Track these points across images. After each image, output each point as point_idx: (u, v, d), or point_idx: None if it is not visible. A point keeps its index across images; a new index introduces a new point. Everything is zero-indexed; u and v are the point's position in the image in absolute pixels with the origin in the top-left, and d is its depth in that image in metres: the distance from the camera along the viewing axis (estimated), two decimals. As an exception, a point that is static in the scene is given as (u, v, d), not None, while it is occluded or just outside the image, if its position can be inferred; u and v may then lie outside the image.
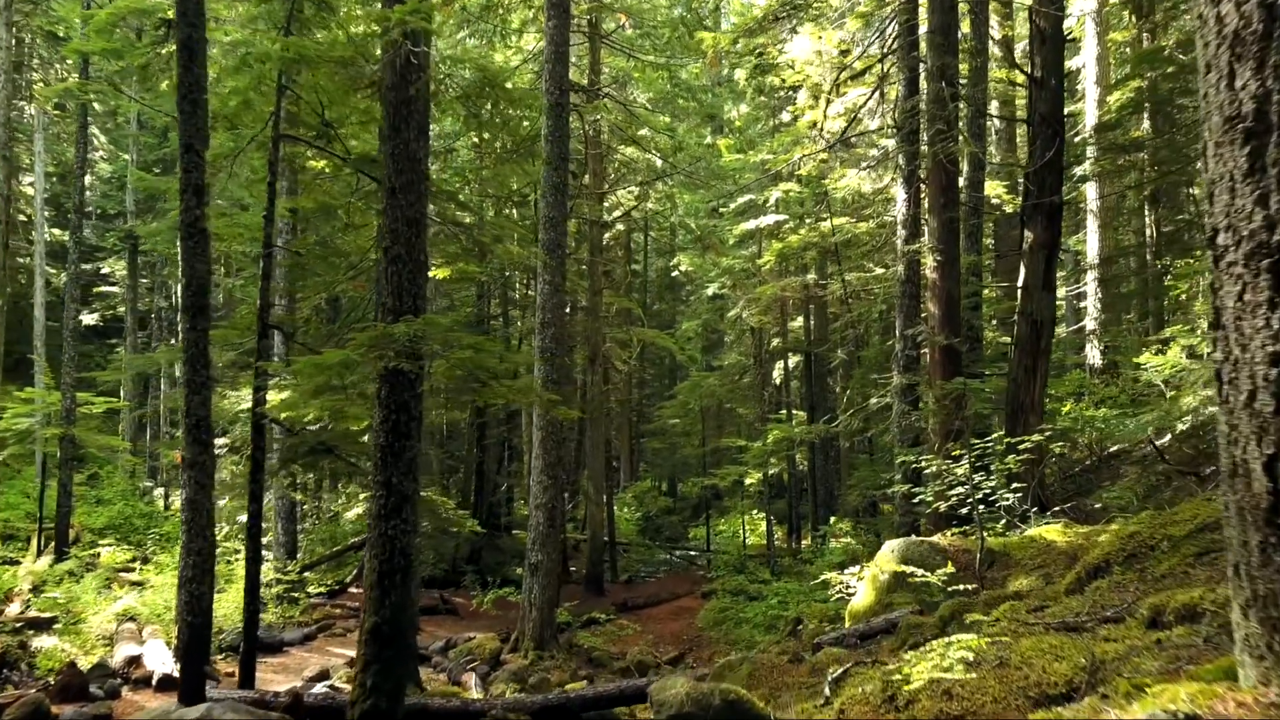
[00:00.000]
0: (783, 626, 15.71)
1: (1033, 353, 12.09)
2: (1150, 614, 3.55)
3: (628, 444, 38.69)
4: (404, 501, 6.77)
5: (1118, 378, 24.20)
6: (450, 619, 17.08)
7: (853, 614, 8.76)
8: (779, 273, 24.21)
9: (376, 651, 6.54)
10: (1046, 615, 4.62)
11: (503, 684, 12.49)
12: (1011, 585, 7.42)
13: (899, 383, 12.83)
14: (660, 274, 42.80)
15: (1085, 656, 3.16)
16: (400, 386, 6.76)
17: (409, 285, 6.88)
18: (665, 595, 20.67)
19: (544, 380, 14.17)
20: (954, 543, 8.46)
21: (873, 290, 21.50)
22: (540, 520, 14.11)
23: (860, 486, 18.06)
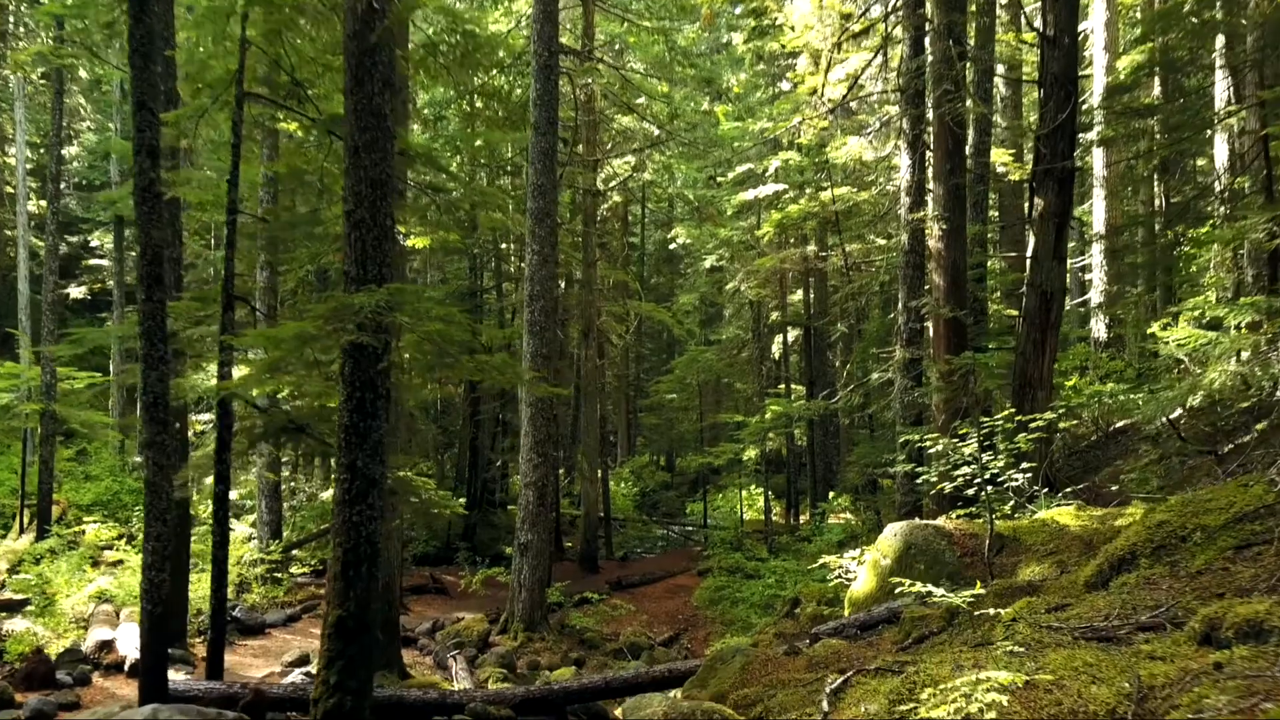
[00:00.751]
0: (780, 607, 15.31)
1: (1042, 326, 11.57)
2: (1204, 627, 3.07)
3: (625, 419, 38.27)
4: (370, 486, 6.28)
5: (1123, 351, 23.73)
6: (440, 599, 16.69)
7: (852, 600, 8.31)
8: (778, 244, 23.64)
9: (341, 647, 6.07)
10: (1070, 617, 4.14)
11: (490, 667, 12.09)
12: (1023, 573, 6.95)
13: (901, 357, 12.33)
14: (658, 247, 42.19)
15: (1130, 680, 2.69)
16: (365, 362, 6.25)
17: (373, 252, 6.35)
18: (661, 573, 20.29)
19: (533, 355, 13.67)
20: (960, 526, 7.99)
21: (874, 262, 20.95)
22: (530, 499, 13.66)
23: (860, 464, 17.60)
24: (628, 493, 32.81)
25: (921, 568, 7.71)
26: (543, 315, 13.68)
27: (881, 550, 8.17)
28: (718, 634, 15.40)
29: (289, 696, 7.65)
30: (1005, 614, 4.72)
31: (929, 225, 12.12)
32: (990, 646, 4.10)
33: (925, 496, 11.46)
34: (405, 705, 7.63)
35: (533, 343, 13.67)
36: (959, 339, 11.80)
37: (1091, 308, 22.47)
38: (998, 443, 7.98)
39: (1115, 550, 5.16)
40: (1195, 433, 10.76)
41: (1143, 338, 23.20)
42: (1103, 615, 3.97)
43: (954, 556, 7.64)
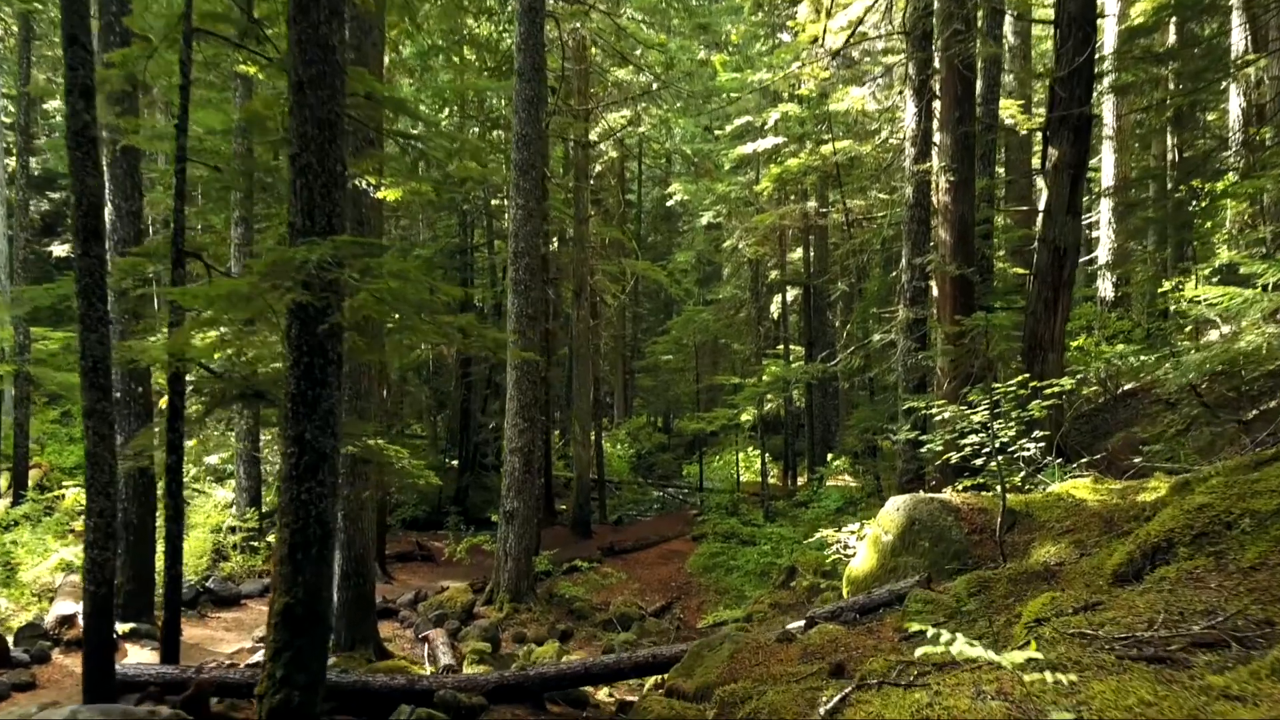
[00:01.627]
0: (775, 576, 14.84)
1: (1054, 284, 10.93)
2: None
3: (621, 380, 37.69)
4: (320, 460, 5.68)
5: (1130, 311, 23.06)
6: (426, 566, 16.22)
7: (851, 580, 7.77)
8: (777, 200, 22.87)
9: (288, 637, 5.52)
10: (1104, 621, 3.55)
11: (473, 641, 11.62)
12: (1037, 553, 6.39)
13: (905, 317, 11.69)
14: (656, 204, 41.30)
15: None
16: (313, 324, 5.62)
17: (321, 201, 5.68)
18: (655, 538, 19.82)
19: (518, 315, 13.03)
20: (967, 500, 7.42)
21: (876, 218, 20.21)
22: (516, 465, 13.11)
23: (859, 428, 17.04)
24: (624, 455, 32.33)
25: (926, 545, 7.16)
26: (528, 273, 13.02)
27: (883, 525, 7.61)
28: (711, 603, 14.95)
29: (247, 682, 7.13)
30: (1027, 611, 4.14)
31: (935, 177, 11.42)
32: (1013, 655, 3.52)
33: (928, 464, 10.91)
34: (370, 692, 7.12)
35: (518, 302, 13.02)
36: (966, 298, 11.16)
37: (1098, 266, 21.79)
38: (1006, 409, 7.39)
39: (1149, 536, 4.57)
40: (1216, 397, 10.17)
41: (1152, 297, 22.54)
42: (1145, 622, 3.38)
43: (961, 534, 7.08)
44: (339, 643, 10.09)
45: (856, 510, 15.92)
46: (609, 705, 7.68)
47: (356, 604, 10.11)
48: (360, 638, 10.11)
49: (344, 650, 10.03)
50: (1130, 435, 11.88)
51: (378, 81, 8.71)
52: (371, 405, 10.16)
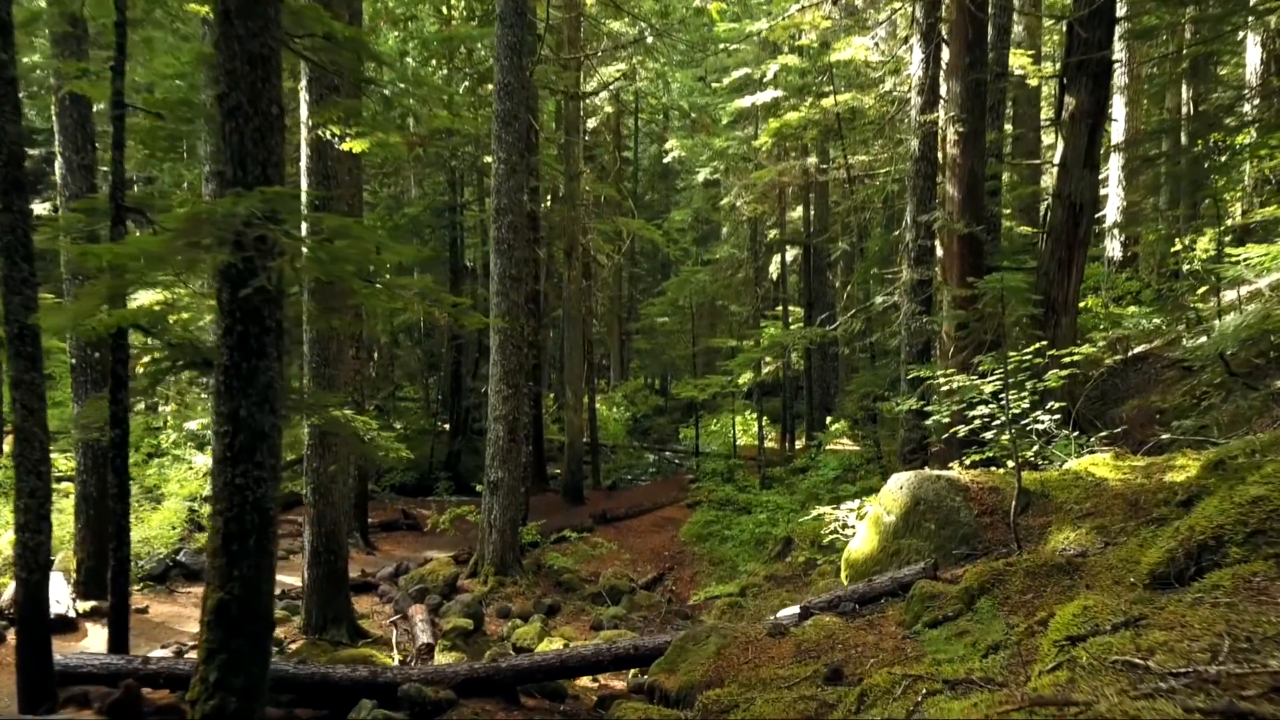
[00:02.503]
0: (771, 546, 14.34)
1: (1069, 242, 10.28)
2: None
3: (617, 341, 37.06)
4: (258, 440, 5.07)
5: (1139, 271, 22.36)
6: (411, 535, 15.72)
7: (850, 562, 7.20)
8: (776, 156, 22.06)
9: (223, 638, 4.95)
10: (1154, 646, 2.96)
11: (454, 618, 11.11)
12: (1055, 538, 5.81)
13: (909, 279, 11.04)
14: (653, 161, 40.36)
15: None
16: (268, 289, 4.98)
17: (254, 148, 5.01)
18: (648, 504, 19.33)
19: (501, 276, 12.36)
20: (977, 478, 6.84)
21: (878, 174, 19.43)
22: (500, 434, 12.52)
23: (859, 393, 16.44)
24: (619, 418, 31.80)
25: (932, 528, 6.59)
26: (511, 231, 12.32)
27: (885, 505, 7.03)
28: (705, 574, 14.47)
29: (185, 674, 6.58)
30: (1055, 623, 3.56)
31: (943, 128, 10.69)
32: (1045, 684, 2.94)
33: (933, 435, 10.32)
34: (330, 684, 6.59)
35: (501, 262, 12.34)
36: (975, 258, 10.51)
37: (1107, 225, 21.05)
38: (1020, 379, 6.78)
39: (1193, 533, 3.98)
40: (1240, 363, 9.55)
41: (1164, 257, 21.82)
42: (1206, 650, 2.78)
43: (970, 516, 6.51)
44: (310, 623, 9.59)
45: (855, 477, 15.39)
46: (589, 696, 7.16)
47: (328, 581, 9.59)
48: (333, 617, 9.60)
49: (316, 630, 9.54)
50: (1145, 404, 11.29)
51: (339, 22, 7.98)
52: (340, 373, 9.55)
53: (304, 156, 9.41)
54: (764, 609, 11.25)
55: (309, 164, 9.34)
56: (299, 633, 9.62)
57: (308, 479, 9.58)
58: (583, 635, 11.37)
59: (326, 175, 9.36)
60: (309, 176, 9.35)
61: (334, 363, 9.47)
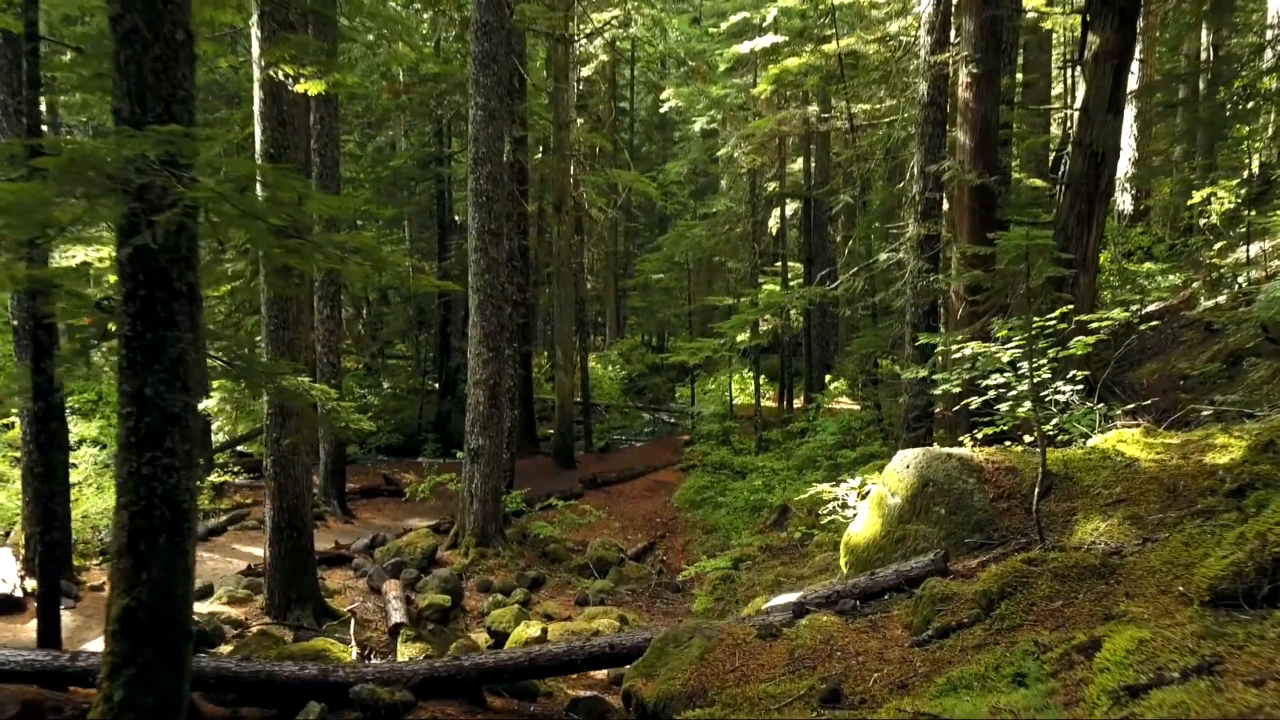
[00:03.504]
0: (767, 515, 13.75)
1: (1089, 194, 9.50)
2: None
3: (614, 298, 36.28)
4: (168, 424, 4.39)
5: (1151, 226, 21.52)
6: (393, 502, 15.13)
7: (851, 548, 6.56)
8: (776, 105, 21.10)
9: (130, 649, 4.32)
10: (1243, 709, 2.30)
11: (431, 593, 10.55)
12: (1082, 529, 5.15)
13: (915, 234, 10.27)
14: (650, 112, 39.23)
15: None
16: (152, 247, 4.26)
17: (155, 81, 4.25)
18: (641, 468, 18.75)
19: (480, 231, 11.60)
20: (991, 457, 6.16)
21: (883, 123, 18.51)
22: (481, 399, 11.85)
23: (860, 354, 15.74)
24: (615, 376, 31.15)
25: (941, 513, 5.93)
26: (490, 183, 11.52)
27: (889, 485, 6.36)
28: (697, 542, 13.91)
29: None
30: (1102, 659, 2.89)
31: (955, 70, 9.86)
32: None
33: (938, 401, 9.65)
34: (277, 684, 5.98)
35: (479, 216, 11.57)
36: (987, 211, 9.75)
37: (1119, 177, 20.15)
38: (1042, 345, 6.07)
39: (1266, 542, 3.30)
40: (1277, 330, 8.82)
41: (1178, 211, 20.98)
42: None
43: (984, 500, 5.84)
44: (273, 603, 9.01)
45: (855, 441, 14.75)
46: (563, 694, 6.58)
47: (291, 559, 8.97)
48: (298, 597, 9.01)
49: (279, 611, 8.96)
50: (1166, 367, 10.59)
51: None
52: (300, 336, 8.83)
53: (257, 100, 8.59)
54: (757, 584, 10.68)
55: (262, 109, 8.53)
56: (261, 613, 9.04)
57: (267, 450, 8.93)
58: (567, 610, 10.82)
59: (282, 122, 8.56)
60: (263, 123, 8.54)
61: (293, 325, 8.75)
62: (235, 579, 9.84)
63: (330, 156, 13.27)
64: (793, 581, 10.20)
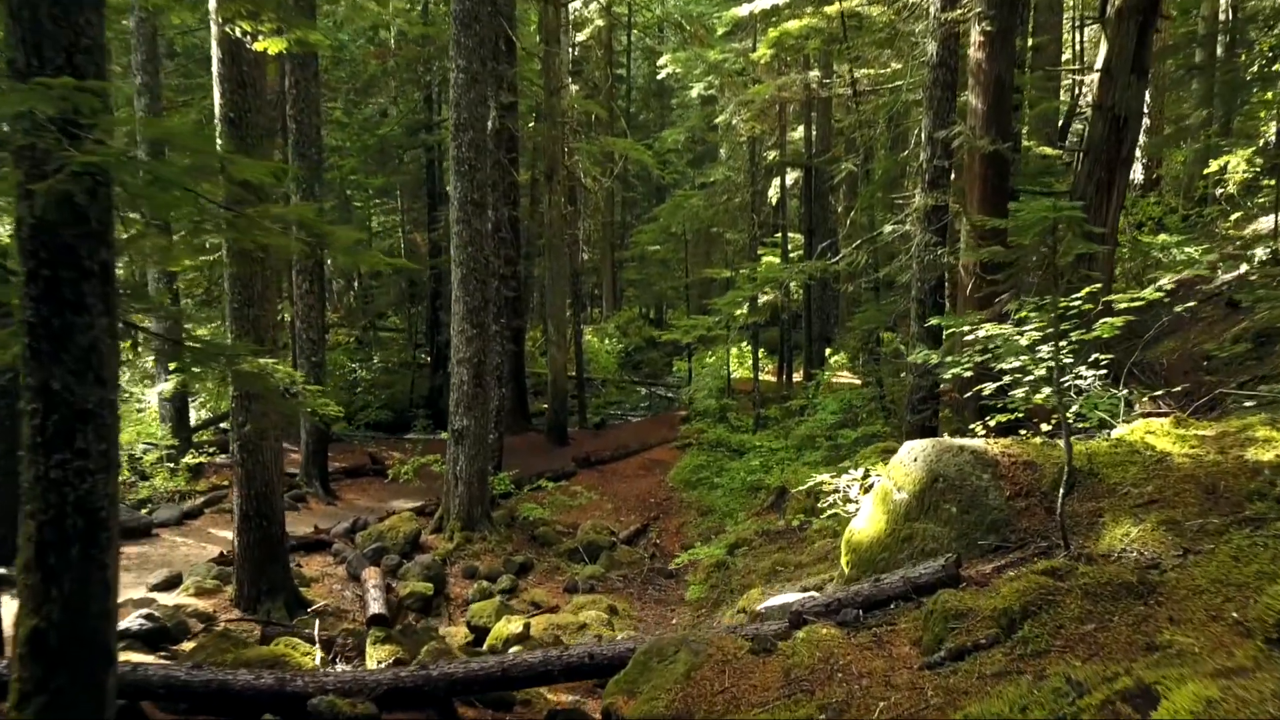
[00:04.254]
0: (764, 496, 13.27)
1: (1109, 161, 8.93)
2: None
3: (610, 270, 35.63)
4: (79, 421, 3.86)
5: (1164, 195, 20.88)
6: (378, 483, 14.65)
7: (853, 546, 6.05)
8: (776, 71, 20.37)
9: (41, 675, 3.82)
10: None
11: (413, 581, 10.10)
12: (1110, 534, 4.64)
13: (922, 204, 9.69)
14: (647, 79, 38.40)
15: None
16: (57, 219, 3.71)
17: (54, 27, 3.67)
18: (636, 446, 18.27)
19: (462, 201, 11.01)
20: (1008, 450, 5.64)
21: (885, 90, 17.82)
22: (465, 378, 11.33)
23: (861, 330, 15.20)
24: (611, 350, 30.59)
25: (953, 511, 5.42)
26: (473, 150, 10.92)
27: (895, 479, 5.85)
28: (692, 525, 13.45)
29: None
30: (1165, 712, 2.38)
31: (967, 28, 9.23)
32: None
33: (949, 384, 9.13)
34: (230, 694, 5.51)
35: (461, 186, 10.98)
36: (999, 180, 9.16)
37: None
38: (1064, 327, 5.53)
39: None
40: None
41: (1192, 180, 20.32)
42: None
43: (1000, 498, 5.33)
44: (241, 595, 8.54)
45: (857, 420, 14.24)
46: (542, 703, 6.11)
47: (260, 549, 8.49)
48: (269, 588, 8.54)
49: (249, 604, 8.50)
50: (1186, 346, 10.06)
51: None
52: (267, 314, 8.28)
53: (215, 60, 7.98)
54: (753, 571, 10.21)
55: (221, 69, 7.92)
56: (230, 605, 8.57)
57: (233, 435, 8.42)
58: (555, 598, 10.37)
59: (242, 83, 7.95)
60: (221, 85, 7.94)
61: (259, 303, 8.20)
62: (206, 567, 9.36)
63: (308, 123, 12.66)
64: (790, 569, 9.73)
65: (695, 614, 9.79)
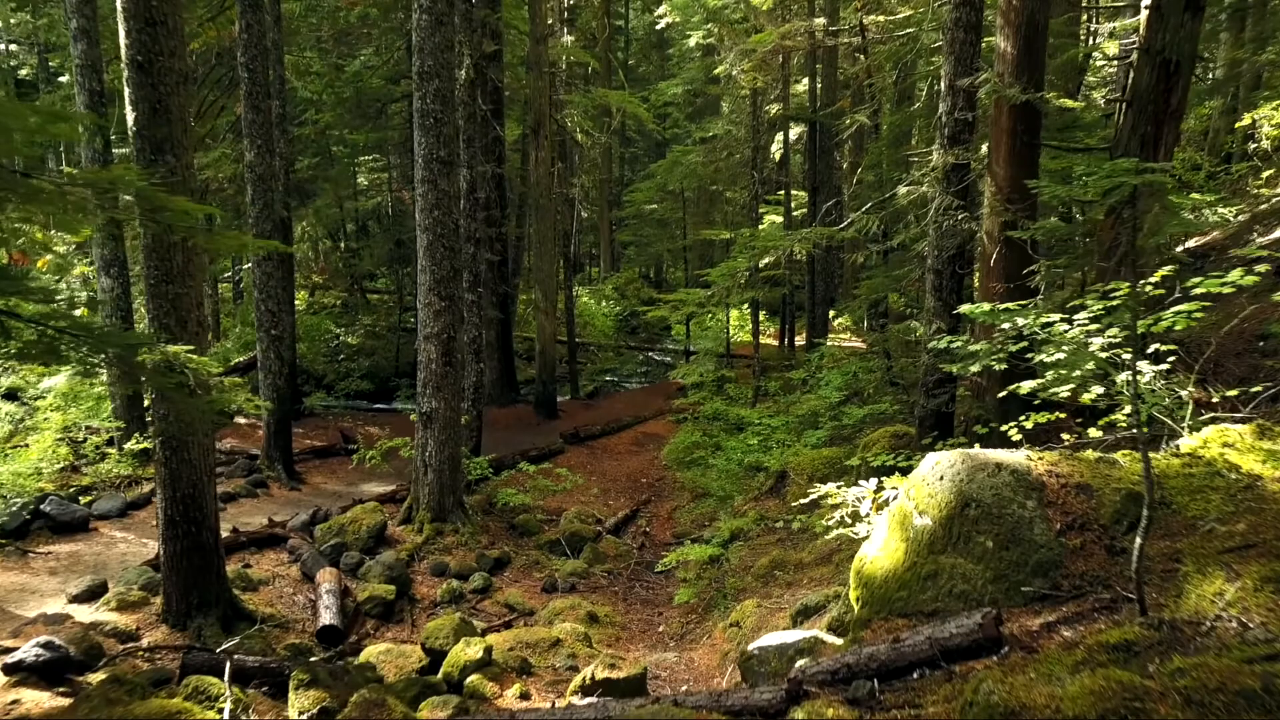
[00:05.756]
0: (763, 479, 12.28)
1: (1156, 114, 7.77)
2: None
3: (607, 229, 34.39)
4: None
5: (1185, 150, 19.61)
6: (349, 463, 13.68)
7: (865, 579, 5.04)
8: (779, 17, 19.04)
9: None
10: None
11: (374, 582, 9.18)
12: (1194, 593, 3.62)
13: (942, 163, 8.56)
14: (646, 30, 36.82)
15: None
16: None
17: None
18: (628, 419, 17.30)
19: (427, 159, 9.88)
20: (1054, 466, 4.60)
21: (894, 38, 16.50)
22: (433, 355, 10.29)
23: (868, 298, 14.11)
24: (609, 313, 29.49)
25: (988, 545, 4.41)
26: (439, 102, 9.76)
27: (916, 500, 4.82)
28: (686, 510, 12.50)
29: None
30: None
31: (997, -42, 8.02)
32: None
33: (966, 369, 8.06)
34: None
35: (426, 141, 9.83)
36: (1030, 134, 8.02)
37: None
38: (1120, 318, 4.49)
39: None
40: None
41: (1216, 134, 19.08)
42: None
43: (1049, 533, 4.30)
44: (169, 609, 7.59)
45: (863, 398, 13.21)
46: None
47: (190, 557, 7.52)
48: (200, 601, 7.59)
49: (178, 619, 7.55)
50: (1227, 321, 8.94)
51: None
52: (191, 291, 7.21)
53: (119, -7, 6.84)
54: (749, 570, 9.24)
55: (126, 4, 6.78)
56: (158, 621, 7.62)
57: (155, 428, 7.40)
58: (531, 599, 9.45)
59: (152, 21, 6.80)
60: (127, 23, 6.80)
61: (180, 278, 7.13)
62: (138, 572, 8.40)
63: (259, 72, 11.47)
64: (790, 570, 8.78)
65: (684, 619, 8.86)
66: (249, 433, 14.80)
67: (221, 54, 15.48)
